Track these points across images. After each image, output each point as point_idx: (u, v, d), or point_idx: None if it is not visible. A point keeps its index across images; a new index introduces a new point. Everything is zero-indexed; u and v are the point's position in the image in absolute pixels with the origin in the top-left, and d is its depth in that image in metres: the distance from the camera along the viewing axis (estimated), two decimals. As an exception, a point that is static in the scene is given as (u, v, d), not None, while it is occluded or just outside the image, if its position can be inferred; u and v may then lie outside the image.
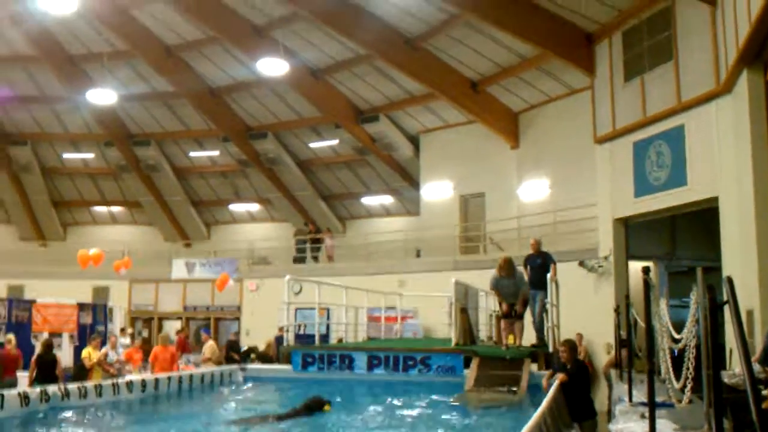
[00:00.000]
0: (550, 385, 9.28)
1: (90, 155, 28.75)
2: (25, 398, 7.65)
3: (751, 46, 10.34)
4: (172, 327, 23.37)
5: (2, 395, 7.44)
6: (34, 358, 13.05)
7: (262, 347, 19.64)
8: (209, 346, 16.37)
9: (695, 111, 13.29)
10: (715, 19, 12.52)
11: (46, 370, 12.68)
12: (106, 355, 13.89)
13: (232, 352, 17.71)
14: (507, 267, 11.58)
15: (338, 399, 9.32)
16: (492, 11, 16.99)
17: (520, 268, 12.30)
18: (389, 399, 10.06)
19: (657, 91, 14.31)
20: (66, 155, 28.75)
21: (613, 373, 12.43)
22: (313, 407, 8.53)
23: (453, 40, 19.28)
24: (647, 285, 6.29)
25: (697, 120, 13.26)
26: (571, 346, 9.81)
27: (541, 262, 12.48)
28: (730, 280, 4.04)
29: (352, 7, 19.30)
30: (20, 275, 25.42)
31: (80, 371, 13.84)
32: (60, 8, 17.63)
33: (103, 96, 22.66)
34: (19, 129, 27.76)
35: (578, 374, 9.40)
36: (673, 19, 13.89)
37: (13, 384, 12.92)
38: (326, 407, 8.61)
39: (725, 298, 4.07)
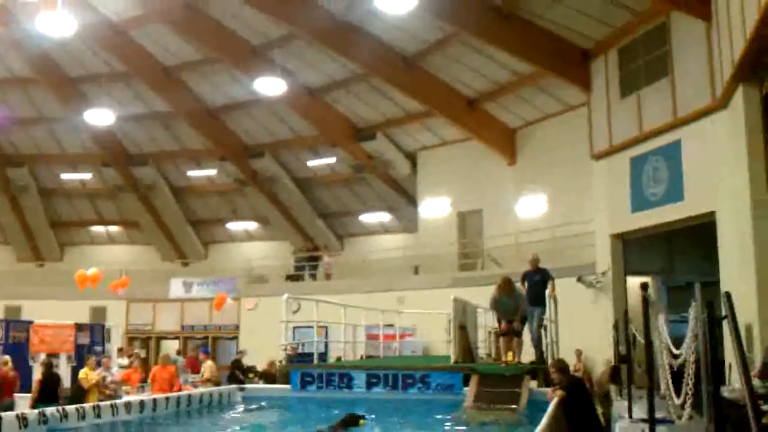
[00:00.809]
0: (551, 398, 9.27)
1: (87, 175, 28.76)
2: (23, 420, 7.60)
3: (746, 62, 10.39)
4: (170, 347, 23.24)
5: (0, 418, 7.38)
6: (37, 379, 13.04)
7: (260, 366, 19.51)
8: (208, 366, 16.30)
9: (691, 126, 13.34)
10: (711, 35, 12.59)
11: (51, 390, 12.70)
12: (103, 377, 13.84)
13: (237, 371, 17.59)
14: (506, 286, 11.56)
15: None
16: (488, 29, 17.09)
17: (519, 286, 12.26)
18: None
19: (653, 107, 14.37)
20: (64, 176, 28.75)
21: (612, 389, 12.38)
22: (350, 422, 8.90)
23: (449, 59, 19.37)
24: (646, 301, 6.28)
25: (694, 135, 13.31)
26: (560, 366, 9.70)
27: (539, 279, 12.45)
28: (728, 296, 4.04)
29: (348, 27, 19.41)
30: (18, 296, 25.34)
31: (78, 392, 13.75)
32: (59, 31, 17.69)
33: (100, 116, 22.74)
34: (17, 150, 27.78)
35: (574, 391, 9.33)
36: (668, 35, 13.96)
37: (11, 406, 12.86)
38: (361, 422, 9.01)
39: (724, 313, 4.08)
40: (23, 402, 12.80)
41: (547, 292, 12.10)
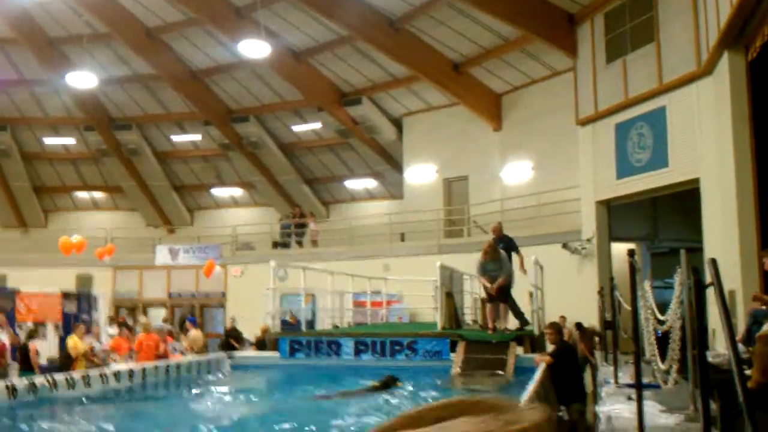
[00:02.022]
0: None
1: (71, 140, 28.43)
2: (12, 390, 7.61)
3: (732, 28, 10.40)
4: (158, 315, 23.21)
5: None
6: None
7: (247, 333, 19.60)
8: (191, 336, 16.07)
9: (677, 93, 13.38)
10: (697, 1, 12.56)
11: (24, 359, 12.69)
12: (92, 346, 13.83)
13: (231, 339, 17.59)
14: (491, 251, 11.61)
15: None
16: (474, -7, 16.96)
17: (504, 252, 12.29)
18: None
19: (639, 73, 14.37)
20: (46, 140, 28.43)
21: (598, 355, 12.54)
22: (389, 383, 9.39)
23: (435, 22, 19.23)
24: (633, 268, 6.34)
25: (679, 101, 13.35)
26: (557, 328, 9.88)
27: (503, 247, 12.37)
28: (714, 263, 4.07)
29: (333, -11, 19.20)
30: (2, 263, 25.17)
31: (66, 361, 13.76)
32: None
33: (83, 79, 22.39)
34: (-2, 114, 27.43)
35: (563, 356, 9.47)
36: (654, 0, 13.92)
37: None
38: (398, 383, 9.47)
39: (709, 279, 4.12)
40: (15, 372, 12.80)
41: (517, 266, 12.08)
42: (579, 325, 13.07)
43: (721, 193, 11.70)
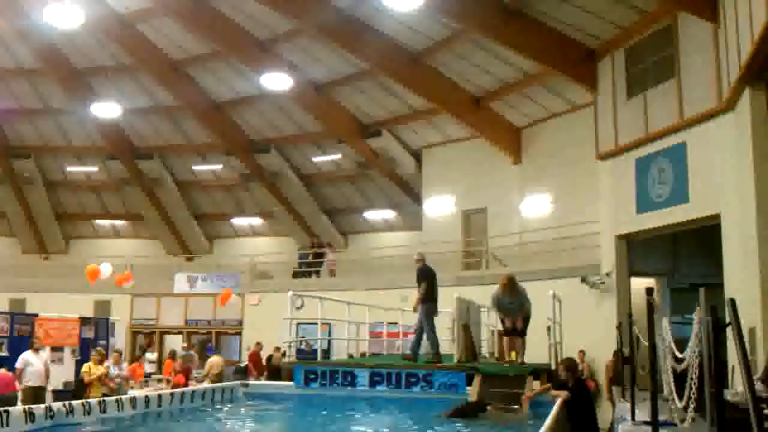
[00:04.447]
0: (532, 398, 9.47)
1: (93, 168, 28.81)
2: (30, 415, 7.64)
3: (753, 65, 10.37)
4: (175, 342, 23.27)
5: (7, 411, 7.42)
6: None
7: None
8: (211, 360, 16.22)
9: (697, 128, 13.32)
10: (718, 37, 12.57)
11: None
12: (108, 370, 13.85)
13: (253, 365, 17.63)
14: (509, 285, 11.57)
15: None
16: (495, 27, 17.08)
17: (522, 285, 12.23)
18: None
19: (659, 108, 14.35)
20: (69, 168, 28.82)
21: (615, 390, 12.40)
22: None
23: (456, 56, 19.36)
24: (651, 306, 6.29)
25: (699, 137, 13.29)
26: (569, 365, 9.78)
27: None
28: (733, 302, 4.05)
29: (356, 23, 19.41)
30: (22, 288, 25.39)
31: (80, 386, 13.81)
32: (66, 22, 17.75)
33: (107, 109, 22.79)
34: (23, 142, 27.85)
35: (579, 393, 9.38)
36: (675, 36, 13.94)
37: (10, 399, 12.93)
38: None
39: (728, 318, 4.09)
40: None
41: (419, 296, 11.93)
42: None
43: (742, 230, 11.60)
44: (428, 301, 11.94)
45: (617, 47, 15.69)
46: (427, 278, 12.08)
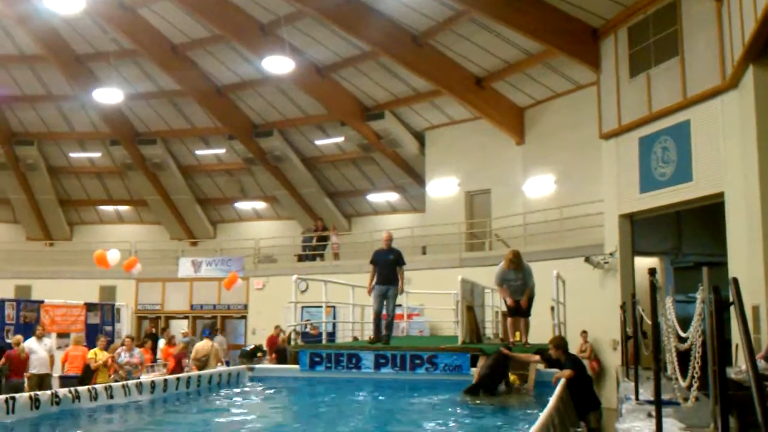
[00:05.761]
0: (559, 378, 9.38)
1: (96, 154, 28.82)
2: (35, 401, 7.68)
3: (757, 42, 10.32)
4: (179, 326, 23.36)
5: (13, 398, 7.47)
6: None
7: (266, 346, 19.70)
8: (195, 346, 15.89)
9: (701, 106, 13.27)
10: (721, 14, 12.49)
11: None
12: (117, 355, 13.90)
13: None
14: (516, 259, 11.57)
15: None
16: (497, 7, 16.98)
17: (528, 264, 12.21)
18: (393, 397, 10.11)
19: (663, 87, 14.28)
20: (72, 154, 28.82)
21: (619, 370, 12.44)
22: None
23: (458, 37, 19.26)
24: (653, 287, 6.29)
25: (703, 115, 13.24)
26: (558, 343, 9.80)
27: (392, 258, 12.20)
28: (735, 281, 4.05)
29: (357, 4, 19.30)
30: (27, 275, 25.52)
31: (87, 372, 13.89)
32: (67, 8, 17.69)
33: (109, 95, 22.71)
34: (26, 128, 27.85)
35: (573, 368, 9.40)
36: (678, 14, 13.86)
37: (19, 385, 13.04)
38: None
39: (731, 297, 4.09)
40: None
41: (399, 284, 11.89)
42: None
43: (746, 208, 11.58)
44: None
45: (620, 26, 15.59)
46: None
